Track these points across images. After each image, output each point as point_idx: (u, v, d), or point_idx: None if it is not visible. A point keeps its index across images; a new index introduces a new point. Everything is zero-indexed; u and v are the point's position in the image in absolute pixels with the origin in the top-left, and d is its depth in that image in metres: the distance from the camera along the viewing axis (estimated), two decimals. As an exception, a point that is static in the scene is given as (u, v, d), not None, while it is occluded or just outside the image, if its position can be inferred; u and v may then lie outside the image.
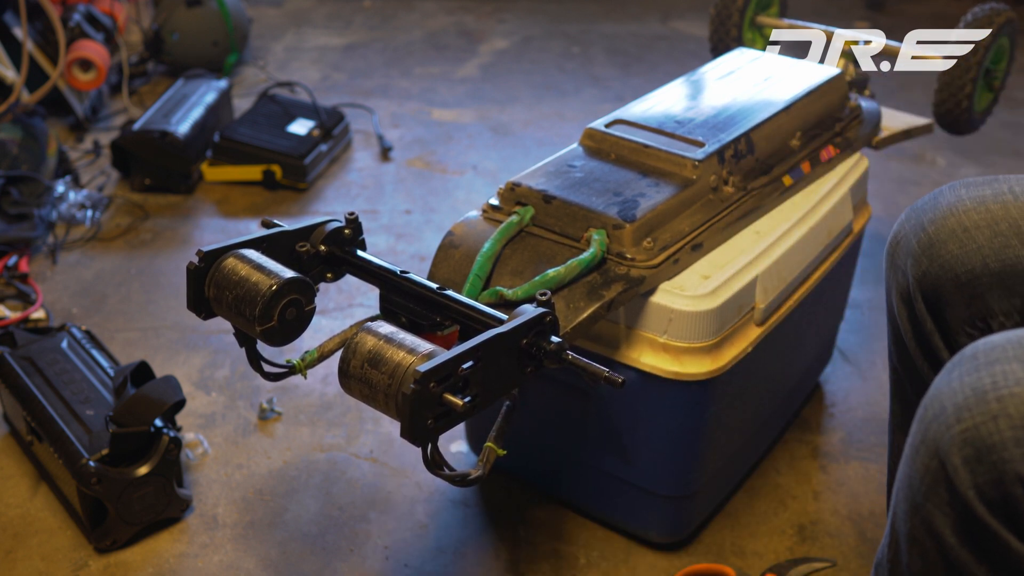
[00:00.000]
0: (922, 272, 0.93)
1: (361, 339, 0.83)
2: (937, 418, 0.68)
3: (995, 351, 0.67)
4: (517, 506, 1.38)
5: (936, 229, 0.92)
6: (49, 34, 2.41)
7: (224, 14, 2.78)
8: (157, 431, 1.28)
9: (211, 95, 2.39)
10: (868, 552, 1.31)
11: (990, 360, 0.66)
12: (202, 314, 0.95)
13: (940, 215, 0.93)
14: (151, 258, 2.00)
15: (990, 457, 0.64)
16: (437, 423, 0.79)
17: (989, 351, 0.67)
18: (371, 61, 3.10)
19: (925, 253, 0.92)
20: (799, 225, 1.27)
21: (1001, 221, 0.89)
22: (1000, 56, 1.81)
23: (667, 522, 1.29)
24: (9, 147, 2.08)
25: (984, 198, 0.91)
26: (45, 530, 1.32)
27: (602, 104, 2.77)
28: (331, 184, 2.31)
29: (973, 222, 0.90)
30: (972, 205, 0.91)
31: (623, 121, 1.29)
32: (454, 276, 1.12)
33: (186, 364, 1.66)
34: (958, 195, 0.93)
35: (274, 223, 1.01)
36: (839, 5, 3.62)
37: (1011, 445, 0.63)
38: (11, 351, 1.46)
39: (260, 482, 1.42)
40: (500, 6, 3.67)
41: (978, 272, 0.89)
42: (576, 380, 1.18)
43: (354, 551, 1.31)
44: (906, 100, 2.25)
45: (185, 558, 1.29)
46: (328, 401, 1.58)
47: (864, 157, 1.47)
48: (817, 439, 1.53)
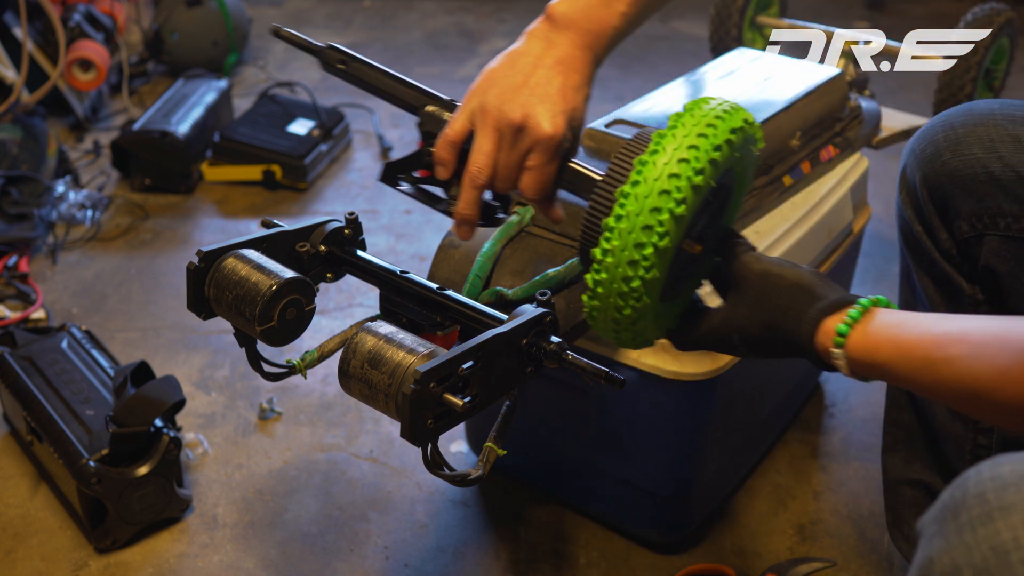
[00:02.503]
0: (942, 162, 1.00)
1: (361, 339, 0.83)
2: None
3: (1008, 492, 0.57)
4: (517, 506, 1.38)
5: (965, 131, 1.00)
6: (49, 34, 2.41)
7: (224, 14, 2.78)
8: (157, 431, 1.28)
9: (211, 95, 2.39)
10: (868, 552, 1.31)
11: (1004, 505, 0.57)
12: (202, 314, 0.95)
13: (972, 121, 1.00)
14: (151, 258, 2.00)
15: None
16: (437, 423, 0.79)
17: (1000, 492, 0.57)
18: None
19: (949, 147, 1.00)
20: (799, 225, 1.27)
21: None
22: (1000, 56, 1.81)
23: (667, 522, 1.29)
24: (9, 147, 2.08)
25: (1015, 117, 0.98)
26: (45, 530, 1.32)
27: (602, 104, 2.77)
28: (331, 184, 2.31)
29: (1000, 136, 0.98)
30: (1003, 121, 0.98)
31: (623, 121, 1.29)
32: (454, 276, 1.12)
33: (186, 364, 1.66)
34: (991, 108, 1.00)
35: (274, 223, 1.00)
36: (839, 5, 3.62)
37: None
38: (11, 351, 1.46)
39: (260, 482, 1.42)
40: (500, 6, 3.68)
41: (996, 175, 0.96)
42: (576, 380, 1.18)
43: (354, 551, 1.31)
44: (906, 100, 2.25)
45: (185, 558, 1.29)
46: (328, 401, 1.58)
47: (864, 157, 1.47)
48: (817, 439, 1.53)
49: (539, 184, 0.88)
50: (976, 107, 1.02)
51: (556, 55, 0.89)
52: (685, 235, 0.80)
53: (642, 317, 0.81)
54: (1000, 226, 0.98)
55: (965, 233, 1.01)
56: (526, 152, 0.87)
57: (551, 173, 0.88)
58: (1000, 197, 0.97)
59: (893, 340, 0.73)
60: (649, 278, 0.77)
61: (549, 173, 0.88)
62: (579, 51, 0.89)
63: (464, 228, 0.91)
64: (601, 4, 0.89)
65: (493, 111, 0.88)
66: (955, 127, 1.01)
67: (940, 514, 0.60)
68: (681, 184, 0.76)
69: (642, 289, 0.78)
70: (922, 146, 1.04)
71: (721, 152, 0.78)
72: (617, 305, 0.79)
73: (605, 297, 0.80)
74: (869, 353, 0.74)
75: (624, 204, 0.77)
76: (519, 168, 0.88)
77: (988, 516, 0.57)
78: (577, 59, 0.89)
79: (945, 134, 1.01)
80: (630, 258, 0.77)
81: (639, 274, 0.77)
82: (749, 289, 0.82)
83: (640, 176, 0.77)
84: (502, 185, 0.89)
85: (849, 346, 0.75)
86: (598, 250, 0.78)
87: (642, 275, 0.77)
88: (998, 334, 0.67)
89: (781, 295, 0.80)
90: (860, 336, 0.74)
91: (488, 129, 0.88)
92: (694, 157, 0.76)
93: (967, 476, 0.59)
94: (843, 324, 0.75)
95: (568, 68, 0.88)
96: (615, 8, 0.89)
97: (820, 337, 0.77)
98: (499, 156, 0.88)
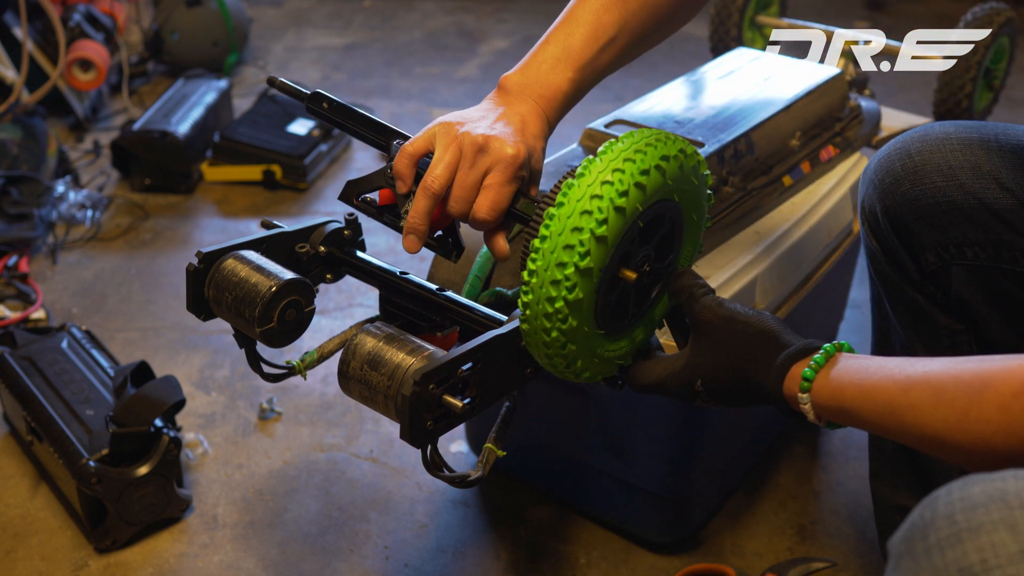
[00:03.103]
0: (902, 192, 0.99)
1: (361, 340, 0.83)
2: None
3: (976, 513, 0.56)
4: (517, 506, 1.38)
5: (923, 159, 0.98)
6: (49, 34, 2.41)
7: (224, 14, 2.78)
8: (157, 431, 1.28)
9: (211, 95, 2.39)
10: (868, 552, 1.31)
11: (972, 526, 0.56)
12: (202, 315, 0.95)
13: (928, 147, 0.98)
14: (151, 258, 2.00)
15: None
16: (436, 424, 0.79)
17: (969, 513, 0.56)
18: (371, 61, 3.10)
19: (908, 177, 0.98)
20: (799, 225, 1.27)
21: (984, 164, 0.95)
22: (1000, 56, 1.81)
23: (667, 522, 1.29)
24: (9, 147, 2.08)
25: (971, 141, 0.97)
26: (45, 530, 1.32)
27: (602, 104, 2.77)
28: (331, 184, 2.31)
29: (958, 161, 0.96)
30: (959, 146, 0.97)
31: (623, 121, 1.29)
32: (454, 277, 1.12)
33: (186, 364, 1.66)
34: (947, 132, 0.99)
35: (274, 224, 1.01)
36: (839, 5, 3.62)
37: None
38: (11, 351, 1.46)
39: (260, 482, 1.42)
40: (500, 6, 3.67)
41: (958, 204, 0.95)
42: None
43: (354, 551, 1.31)
44: (906, 100, 2.25)
45: (185, 558, 1.29)
46: (328, 401, 1.58)
47: (864, 157, 1.47)
48: (817, 439, 1.53)
49: (494, 204, 0.88)
50: (931, 131, 1.00)
51: (514, 111, 0.91)
52: (617, 261, 0.80)
53: (572, 342, 0.80)
54: (968, 255, 0.96)
55: (932, 265, 0.99)
56: (485, 171, 0.88)
57: (507, 195, 0.88)
58: (964, 226, 0.95)
59: (857, 385, 0.72)
60: (571, 299, 0.77)
61: (505, 195, 0.88)
62: (533, 114, 0.92)
63: (411, 239, 0.90)
64: (550, 71, 0.92)
65: (455, 130, 0.89)
66: (912, 155, 0.99)
67: (908, 534, 0.58)
68: (603, 204, 0.76)
69: (565, 310, 0.77)
70: (879, 176, 1.02)
71: (649, 177, 0.78)
72: (544, 327, 0.79)
73: (532, 319, 0.79)
74: (835, 397, 0.73)
75: (549, 225, 0.78)
76: (476, 187, 0.88)
77: (956, 537, 0.56)
78: (534, 116, 0.92)
79: (903, 163, 0.99)
80: (552, 277, 0.77)
81: (561, 294, 0.77)
82: (714, 334, 0.80)
83: (565, 198, 0.77)
84: (456, 204, 0.89)
85: (815, 391, 0.74)
86: (525, 272, 0.79)
87: (564, 295, 0.77)
88: (956, 375, 0.66)
89: (748, 342, 0.79)
90: (824, 380, 0.74)
91: (449, 144, 0.89)
92: (618, 179, 0.76)
93: (937, 496, 0.58)
94: (808, 369, 0.74)
95: (525, 120, 0.91)
96: (564, 75, 0.92)
97: (788, 383, 0.76)
98: (458, 172, 0.88)
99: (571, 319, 0.78)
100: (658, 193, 0.80)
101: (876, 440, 1.16)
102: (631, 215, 0.78)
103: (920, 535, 0.58)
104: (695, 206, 0.87)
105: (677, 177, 0.81)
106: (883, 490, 1.15)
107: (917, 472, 1.11)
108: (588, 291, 0.78)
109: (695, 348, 0.81)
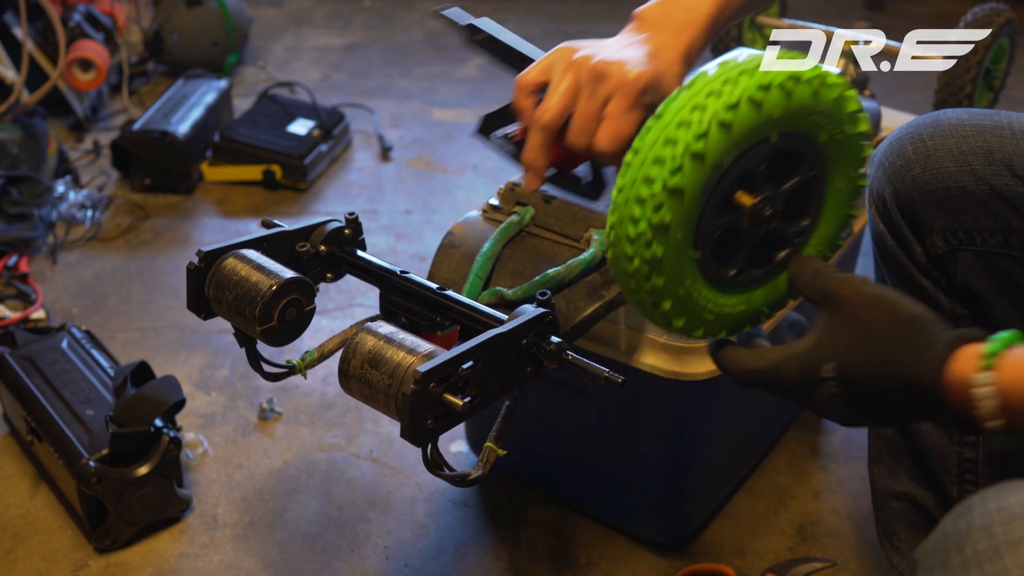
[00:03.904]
0: (912, 176, 0.97)
1: (361, 339, 0.83)
2: None
3: (1016, 526, 0.53)
4: (517, 506, 1.38)
5: (935, 144, 0.96)
6: (49, 34, 2.41)
7: (224, 14, 2.78)
8: (157, 431, 1.28)
9: (211, 95, 2.39)
10: (868, 552, 1.31)
11: (1012, 540, 0.53)
12: (202, 314, 0.95)
13: (940, 132, 0.97)
14: (151, 258, 2.00)
15: None
16: (437, 423, 0.79)
17: (1008, 525, 0.54)
18: (371, 61, 3.10)
19: (919, 161, 0.96)
20: (799, 225, 1.27)
21: (997, 151, 0.93)
22: (1000, 56, 1.81)
23: (667, 522, 1.29)
24: (9, 147, 2.08)
25: (984, 127, 0.95)
26: (45, 530, 1.32)
27: (602, 104, 2.77)
28: (331, 184, 2.31)
29: (970, 147, 0.94)
30: (972, 132, 0.95)
31: (623, 121, 1.29)
32: (454, 276, 1.12)
33: (186, 364, 1.66)
34: (960, 119, 0.97)
35: (274, 223, 1.01)
36: (839, 5, 3.62)
37: None
38: (11, 351, 1.46)
39: (260, 482, 1.42)
40: (500, 6, 3.68)
41: (970, 190, 0.93)
42: (576, 380, 1.18)
43: (354, 551, 1.31)
44: (906, 100, 2.25)
45: (185, 558, 1.29)
46: (328, 401, 1.58)
47: (864, 157, 1.47)
48: (817, 439, 1.53)
49: (615, 134, 0.80)
50: (944, 117, 0.99)
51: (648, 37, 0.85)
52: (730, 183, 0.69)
53: (659, 274, 0.70)
54: (976, 241, 0.95)
55: (940, 249, 0.98)
56: (606, 99, 0.81)
57: (631, 124, 0.80)
58: (975, 212, 0.94)
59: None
60: (656, 221, 0.67)
61: (629, 123, 0.80)
62: (670, 39, 0.85)
63: (530, 176, 0.84)
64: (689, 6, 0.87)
65: (571, 55, 0.83)
66: (924, 139, 0.98)
67: (941, 544, 0.56)
68: (704, 117, 0.66)
69: (649, 234, 0.68)
70: (890, 159, 1.00)
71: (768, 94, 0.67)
72: (625, 253, 0.70)
73: (615, 244, 0.70)
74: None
75: (643, 136, 0.69)
76: (596, 117, 0.81)
77: (996, 551, 0.53)
78: (671, 40, 0.85)
79: (914, 146, 0.98)
80: (637, 195, 0.68)
81: (646, 215, 0.68)
82: (856, 311, 0.68)
83: (667, 107, 0.68)
84: (576, 135, 0.82)
85: (1003, 369, 0.60)
86: (614, 189, 0.70)
87: (649, 216, 0.68)
88: None
89: (899, 323, 0.67)
90: (1017, 358, 0.60)
91: (566, 71, 0.83)
92: (728, 92, 0.67)
93: (971, 506, 0.56)
94: (990, 345, 0.62)
95: (660, 45, 0.84)
96: (703, 8, 0.87)
97: (957, 365, 0.63)
98: (577, 102, 0.82)
99: (656, 245, 0.69)
100: (787, 119, 0.69)
101: None
102: (742, 133, 0.67)
103: (955, 547, 0.55)
104: (842, 165, 0.75)
105: (811, 109, 0.70)
106: (881, 475, 1.14)
107: (917, 460, 1.10)
108: (679, 214, 0.68)
109: (828, 326, 0.70)
